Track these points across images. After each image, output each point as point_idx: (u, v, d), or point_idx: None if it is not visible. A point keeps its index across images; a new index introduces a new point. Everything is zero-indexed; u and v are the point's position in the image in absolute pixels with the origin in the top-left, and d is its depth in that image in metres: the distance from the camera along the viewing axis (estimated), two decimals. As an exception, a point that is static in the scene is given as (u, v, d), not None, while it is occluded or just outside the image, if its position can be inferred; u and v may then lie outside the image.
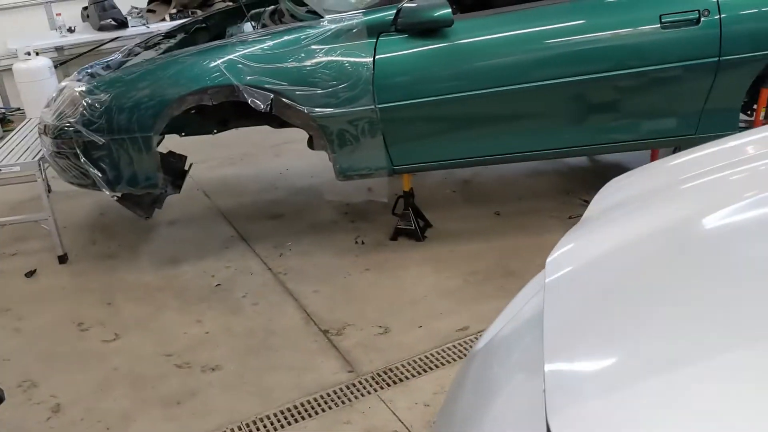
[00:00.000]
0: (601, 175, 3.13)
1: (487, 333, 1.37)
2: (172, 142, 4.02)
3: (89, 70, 3.39)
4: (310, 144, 3.40)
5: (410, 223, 3.52)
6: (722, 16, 2.96)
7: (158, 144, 3.59)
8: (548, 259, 1.25)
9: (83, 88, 3.10)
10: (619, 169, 3.87)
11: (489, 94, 3.05)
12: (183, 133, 3.74)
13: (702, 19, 2.96)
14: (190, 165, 3.81)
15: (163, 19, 6.57)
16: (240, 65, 3.00)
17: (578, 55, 3.05)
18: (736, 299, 1.05)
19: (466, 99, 3.06)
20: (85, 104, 3.06)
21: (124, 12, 6.64)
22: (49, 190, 4.10)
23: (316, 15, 3.13)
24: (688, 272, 1.17)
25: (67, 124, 3.08)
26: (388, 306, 2.99)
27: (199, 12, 6.44)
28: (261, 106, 2.99)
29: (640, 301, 1.15)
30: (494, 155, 3.28)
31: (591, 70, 3.04)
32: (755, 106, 3.41)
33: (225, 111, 3.48)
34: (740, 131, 3.18)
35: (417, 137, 3.18)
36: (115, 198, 3.27)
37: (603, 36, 3.03)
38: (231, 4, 5.15)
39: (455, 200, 4.00)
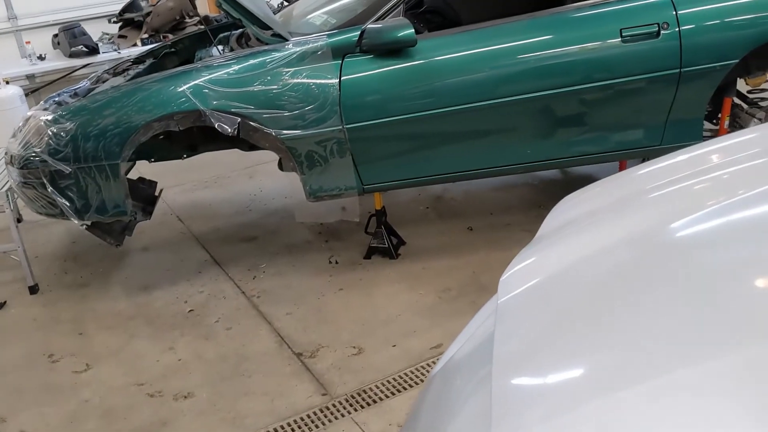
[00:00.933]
0: (571, 187, 3.14)
1: (445, 355, 1.37)
2: (144, 168, 4.01)
3: (57, 99, 3.38)
4: (281, 165, 3.40)
5: (383, 241, 3.53)
6: (681, 28, 3.00)
7: (129, 170, 3.58)
8: (500, 280, 1.26)
9: (49, 117, 3.09)
10: (589, 181, 3.87)
11: (456, 111, 3.07)
12: (152, 159, 3.72)
13: (662, 32, 3.00)
14: (161, 190, 3.80)
15: (135, 45, 6.57)
16: (206, 90, 3.00)
17: (542, 70, 3.08)
18: (698, 309, 1.05)
19: (434, 117, 3.08)
20: (50, 133, 3.04)
21: (95, 38, 6.63)
22: (20, 220, 4.07)
23: (281, 38, 3.14)
24: (649, 284, 1.18)
25: (33, 154, 3.06)
26: (362, 326, 2.99)
27: (170, 36, 6.44)
28: (228, 130, 2.99)
29: (597, 318, 1.15)
30: (464, 171, 3.29)
31: (555, 84, 3.08)
32: (720, 115, 3.46)
33: (193, 136, 3.48)
34: (705, 140, 3.24)
35: (386, 156, 3.20)
36: (85, 227, 3.25)
37: (566, 51, 3.07)
38: (202, 28, 5.17)
39: (428, 216, 4.01)
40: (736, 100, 3.56)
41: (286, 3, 4.35)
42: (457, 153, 3.22)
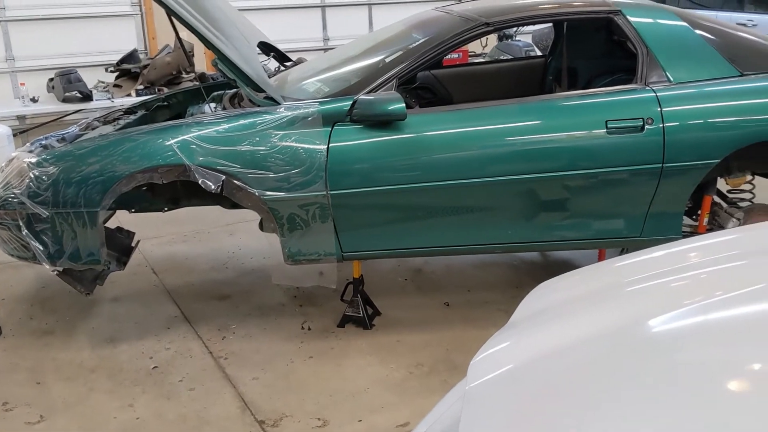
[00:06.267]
0: (551, 271, 3.16)
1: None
2: (124, 217, 3.97)
3: (43, 142, 3.37)
4: (261, 226, 3.38)
5: (358, 311, 3.48)
6: (665, 125, 3.07)
7: (108, 219, 3.55)
8: (470, 364, 1.23)
9: (32, 160, 3.07)
10: (569, 266, 3.90)
11: (440, 187, 3.09)
12: (133, 210, 3.69)
13: (646, 127, 3.07)
14: (138, 241, 3.75)
15: (129, 95, 6.63)
16: (193, 146, 3.00)
17: (528, 153, 3.12)
18: (668, 410, 1.03)
19: (418, 190, 3.10)
20: (32, 176, 3.02)
21: (90, 85, 6.68)
22: (-10, 260, 3.99)
23: (273, 101, 3.17)
24: (622, 382, 1.16)
25: (12, 195, 3.03)
26: (328, 397, 2.91)
27: (165, 89, 6.51)
28: (212, 187, 2.99)
29: (566, 413, 1.12)
30: (444, 247, 3.29)
31: (540, 168, 3.12)
32: (699, 212, 3.50)
33: (177, 189, 3.46)
34: (684, 236, 3.28)
35: (367, 225, 3.19)
36: (56, 273, 3.19)
37: (552, 137, 3.12)
38: (197, 83, 5.23)
39: (406, 288, 3.98)
40: (716, 199, 3.61)
41: (282, 68, 4.42)
42: (438, 228, 3.22)
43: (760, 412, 0.99)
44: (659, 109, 3.09)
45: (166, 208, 3.69)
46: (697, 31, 3.30)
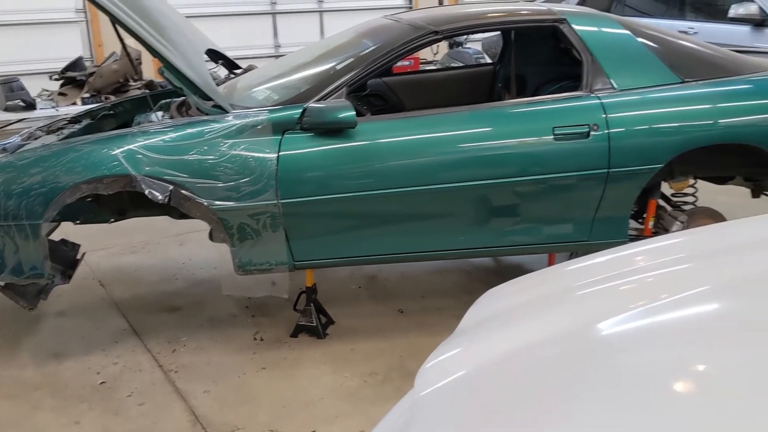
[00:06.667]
0: (503, 276, 3.18)
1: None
2: (69, 229, 3.86)
3: (-17, 152, 3.26)
4: (211, 236, 3.33)
5: (311, 320, 3.46)
6: (610, 131, 3.13)
7: (52, 231, 3.44)
8: (418, 373, 1.23)
9: (-29, 171, 2.96)
10: (521, 271, 3.92)
11: (391, 195, 3.09)
12: (77, 221, 3.60)
13: (591, 133, 3.13)
14: (83, 254, 3.65)
15: (74, 103, 6.47)
16: (139, 155, 2.94)
17: (478, 160, 3.15)
18: (618, 413, 1.04)
19: (369, 198, 3.10)
20: (-30, 188, 2.91)
21: (34, 93, 6.51)
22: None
23: (222, 109, 3.13)
24: (572, 384, 1.17)
25: (-51, 208, 2.92)
26: (281, 408, 2.88)
27: (112, 97, 6.38)
28: (159, 197, 2.93)
29: (518, 417, 1.13)
30: (396, 254, 3.29)
31: (490, 175, 3.15)
32: (645, 216, 3.58)
33: (123, 200, 3.39)
34: (630, 239, 3.35)
35: (319, 233, 3.18)
36: (-3, 287, 3.09)
37: (502, 144, 3.16)
38: (147, 91, 5.15)
39: (360, 296, 3.97)
40: (661, 202, 3.70)
41: (232, 75, 4.38)
42: (391, 236, 3.22)
43: (703, 412, 1.01)
44: (604, 115, 3.15)
45: (112, 219, 3.61)
46: (640, 39, 3.38)
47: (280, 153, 3.02)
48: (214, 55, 4.30)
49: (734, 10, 6.96)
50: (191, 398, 2.96)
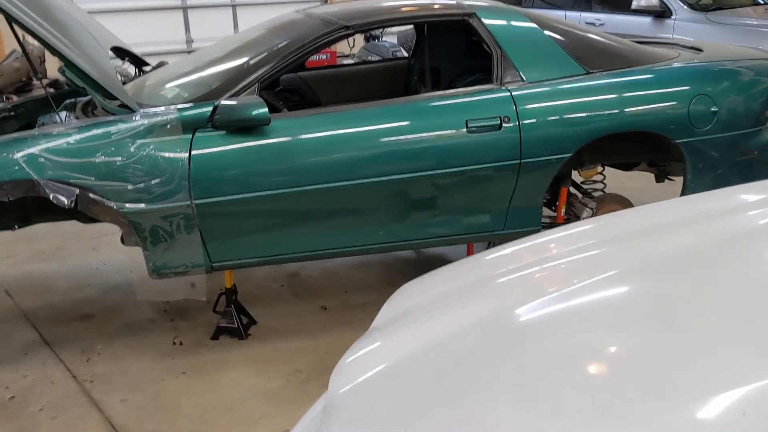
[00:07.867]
0: (424, 267, 3.21)
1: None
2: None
3: None
4: (123, 240, 3.22)
5: (232, 321, 3.39)
6: (521, 122, 3.20)
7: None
8: (333, 372, 1.22)
9: None
10: (441, 262, 3.96)
11: (309, 191, 3.06)
12: (-23, 230, 3.41)
13: (503, 125, 3.19)
14: (-14, 264, 3.47)
15: (-28, 104, 6.11)
16: (42, 159, 2.81)
17: (395, 154, 3.16)
18: (539, 394, 1.07)
19: (286, 196, 3.06)
20: None
21: (-74, 94, 6.12)
22: None
23: (129, 109, 3.02)
24: (496, 369, 1.19)
25: None
26: (202, 414, 2.82)
27: (15, 97, 6.07)
28: (65, 202, 2.80)
29: (444, 405, 1.13)
30: (315, 251, 3.27)
31: (407, 169, 3.16)
32: (557, 203, 3.68)
33: (27, 205, 3.23)
34: (544, 226, 3.44)
35: (236, 233, 3.12)
36: None
37: (417, 137, 3.17)
38: (52, 90, 4.91)
39: (282, 295, 3.92)
40: (572, 190, 3.81)
41: (141, 73, 4.23)
42: (309, 233, 3.20)
43: (616, 392, 1.05)
44: (514, 107, 3.21)
45: (16, 226, 3.43)
46: (546, 32, 3.46)
47: (192, 152, 2.95)
48: (121, 53, 4.15)
49: (636, 2, 7.25)
50: (108, 409, 2.86)
